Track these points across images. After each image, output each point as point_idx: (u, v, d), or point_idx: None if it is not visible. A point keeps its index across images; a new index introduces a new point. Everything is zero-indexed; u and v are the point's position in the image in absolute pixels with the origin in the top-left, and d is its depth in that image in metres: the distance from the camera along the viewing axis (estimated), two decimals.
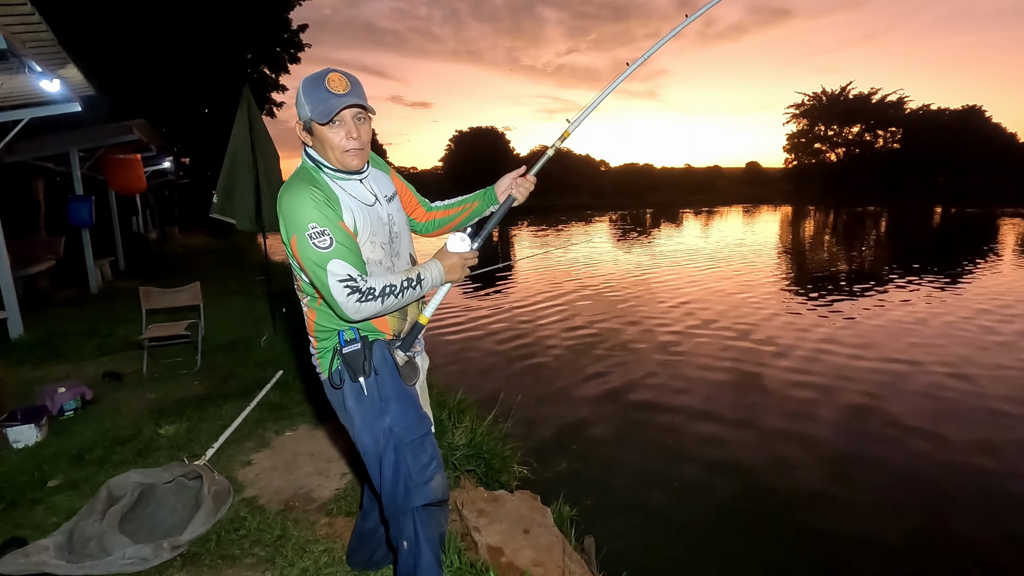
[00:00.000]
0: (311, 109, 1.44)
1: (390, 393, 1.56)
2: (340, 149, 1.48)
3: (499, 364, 6.07)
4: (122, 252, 10.87)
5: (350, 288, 1.40)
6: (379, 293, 1.43)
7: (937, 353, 6.10)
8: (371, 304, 1.43)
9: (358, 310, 1.42)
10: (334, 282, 1.39)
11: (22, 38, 3.90)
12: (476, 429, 3.22)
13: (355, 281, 1.40)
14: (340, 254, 1.40)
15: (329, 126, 1.45)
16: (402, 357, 1.59)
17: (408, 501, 1.56)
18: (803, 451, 4.07)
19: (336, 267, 1.39)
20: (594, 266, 12.65)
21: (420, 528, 1.58)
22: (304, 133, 1.51)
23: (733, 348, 6.37)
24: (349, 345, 1.53)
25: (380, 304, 1.44)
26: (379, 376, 1.55)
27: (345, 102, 1.42)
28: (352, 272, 1.41)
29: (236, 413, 3.53)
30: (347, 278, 1.40)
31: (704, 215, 29.71)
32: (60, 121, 6.56)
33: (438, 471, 1.61)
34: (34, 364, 4.85)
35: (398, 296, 1.47)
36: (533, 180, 1.79)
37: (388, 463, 1.55)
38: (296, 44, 22.17)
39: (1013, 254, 13.72)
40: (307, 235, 1.39)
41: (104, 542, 2.14)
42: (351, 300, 1.40)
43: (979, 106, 42.99)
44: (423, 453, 1.58)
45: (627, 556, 2.80)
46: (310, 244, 1.39)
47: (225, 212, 5.21)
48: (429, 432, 1.63)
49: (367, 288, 1.42)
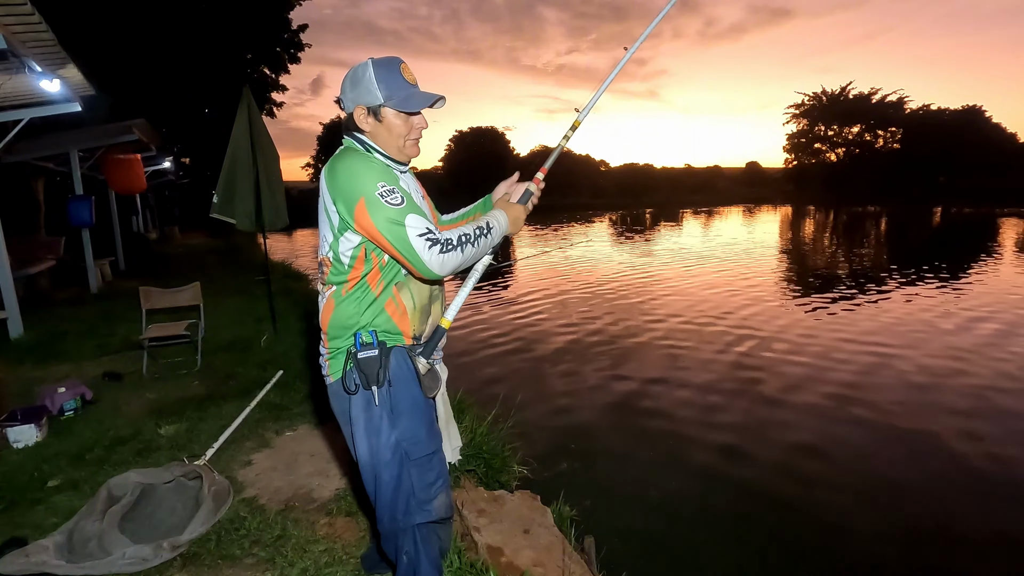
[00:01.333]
0: (387, 95, 1.41)
1: (403, 406, 1.48)
2: (410, 138, 1.48)
3: (499, 364, 6.07)
4: (122, 252, 10.87)
5: (431, 240, 1.34)
6: (456, 243, 1.38)
7: (939, 353, 6.10)
8: (453, 255, 1.36)
9: (443, 263, 1.36)
10: (415, 236, 1.33)
11: (22, 38, 3.90)
12: (476, 429, 3.22)
13: (434, 233, 1.36)
14: (414, 209, 1.37)
15: (405, 115, 1.45)
16: (424, 365, 1.51)
17: (409, 519, 1.52)
18: (804, 452, 4.07)
19: (414, 220, 1.34)
20: (594, 266, 12.65)
21: (421, 546, 1.55)
22: (367, 118, 1.45)
23: (734, 349, 6.37)
24: (365, 350, 1.43)
25: (460, 254, 1.38)
26: (393, 388, 1.46)
27: (432, 98, 1.44)
28: (429, 225, 1.37)
29: (236, 413, 3.53)
30: (427, 231, 1.35)
31: (704, 215, 29.72)
32: (60, 121, 6.56)
33: (443, 490, 1.55)
34: (34, 364, 4.85)
35: (475, 244, 1.42)
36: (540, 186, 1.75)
37: (390, 477, 1.49)
38: (296, 44, 22.17)
39: (1013, 254, 13.72)
40: (378, 194, 1.34)
41: (104, 542, 2.14)
42: (434, 252, 1.34)
43: (979, 106, 43.14)
44: (430, 471, 1.52)
45: (627, 556, 2.80)
46: (383, 202, 1.34)
47: (225, 212, 5.21)
48: (438, 450, 1.57)
49: (446, 238, 1.37)
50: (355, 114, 1.46)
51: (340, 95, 1.50)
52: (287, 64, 22.39)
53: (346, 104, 1.48)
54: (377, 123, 1.45)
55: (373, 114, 1.44)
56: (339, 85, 1.53)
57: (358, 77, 1.43)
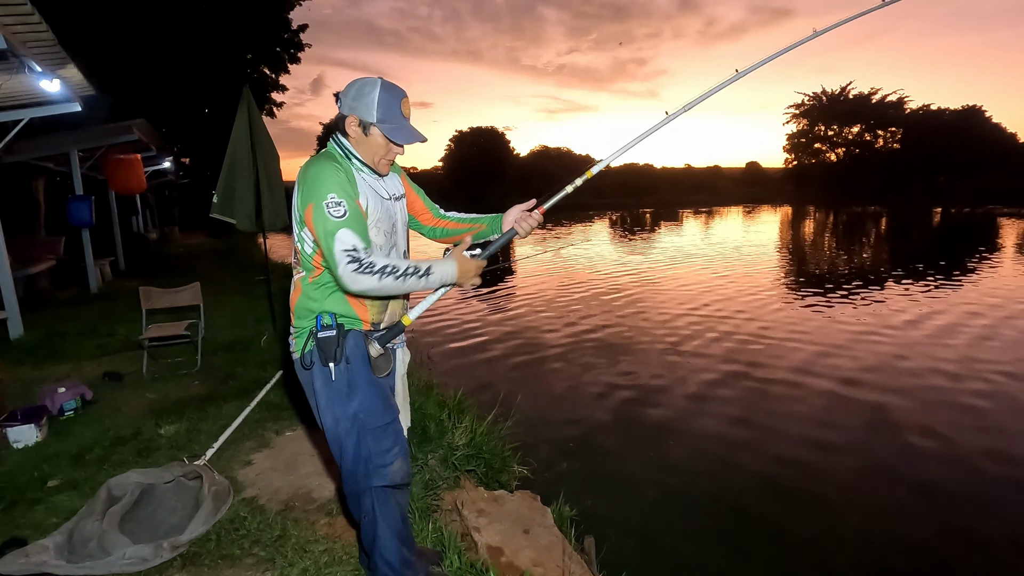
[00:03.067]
0: (381, 119, 1.58)
1: (359, 381, 1.64)
2: (385, 159, 1.65)
3: (499, 364, 6.07)
4: (122, 252, 10.87)
5: (351, 257, 1.48)
6: (378, 269, 1.50)
7: (941, 355, 6.09)
8: (368, 277, 1.49)
9: (355, 280, 1.49)
10: (339, 249, 1.48)
11: (22, 38, 3.90)
12: (476, 429, 3.22)
13: (358, 252, 1.49)
14: (351, 225, 1.50)
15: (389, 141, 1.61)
16: (377, 349, 1.67)
17: (367, 481, 1.68)
18: (805, 453, 4.07)
19: (344, 235, 1.49)
20: (594, 266, 12.65)
21: (377, 506, 1.71)
22: (356, 127, 1.61)
23: (734, 349, 6.37)
24: (325, 330, 1.61)
25: (377, 280, 1.50)
26: (350, 365, 1.63)
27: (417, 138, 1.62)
28: (358, 244, 1.50)
29: (236, 413, 3.53)
30: (352, 248, 1.49)
31: (704, 215, 29.71)
32: (60, 121, 6.56)
33: (399, 456, 1.71)
34: (34, 364, 4.84)
35: (399, 278, 1.53)
36: (540, 217, 1.84)
37: (350, 444, 1.66)
38: (296, 44, 22.15)
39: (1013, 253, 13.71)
40: (324, 203, 1.49)
41: (104, 542, 2.14)
42: (349, 268, 1.48)
43: (979, 106, 43.04)
44: (385, 439, 1.68)
45: (627, 556, 2.80)
46: (326, 212, 1.49)
47: (225, 212, 5.20)
48: (394, 421, 1.73)
49: (368, 261, 1.49)
50: (348, 120, 1.62)
51: (341, 95, 1.64)
52: (287, 64, 22.37)
53: (343, 107, 1.63)
54: (363, 135, 1.62)
55: (363, 127, 1.61)
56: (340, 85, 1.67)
57: (364, 91, 1.59)
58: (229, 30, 18.46)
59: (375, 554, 1.77)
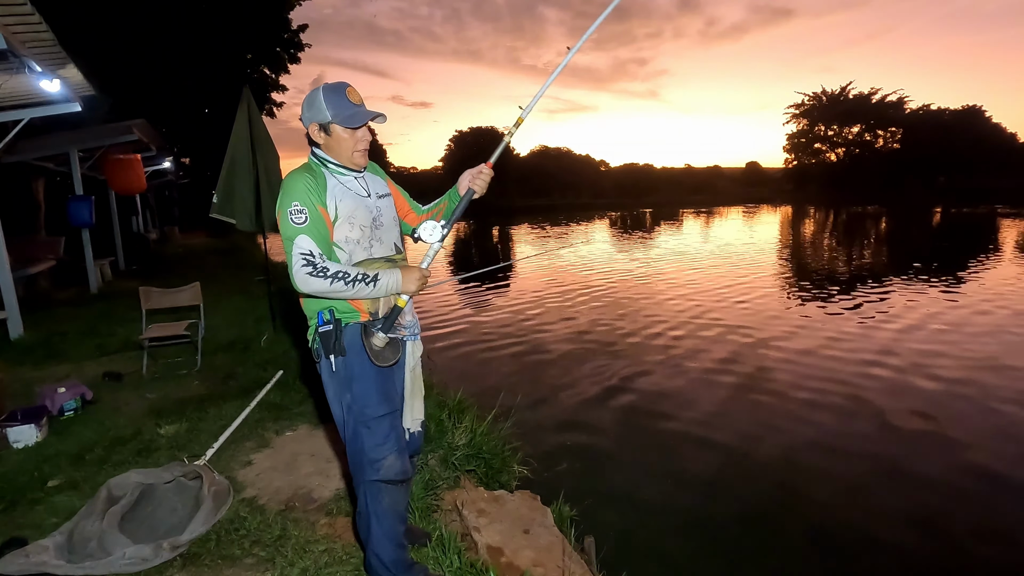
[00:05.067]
0: (334, 114, 1.66)
1: (356, 372, 1.72)
2: (353, 149, 1.72)
3: (499, 364, 6.07)
4: (122, 252, 10.87)
5: (306, 260, 1.59)
6: (331, 274, 1.60)
7: (941, 355, 6.09)
8: (319, 280, 1.59)
9: (306, 282, 1.59)
10: (296, 253, 1.59)
11: (22, 38, 3.90)
12: (476, 429, 3.22)
13: (313, 257, 1.60)
14: (309, 232, 1.61)
15: (351, 130, 1.69)
16: (382, 339, 1.72)
17: (361, 474, 1.76)
18: (805, 454, 4.07)
19: (302, 241, 1.60)
20: (594, 266, 12.65)
21: (369, 500, 1.77)
22: (319, 133, 1.71)
23: (734, 349, 6.37)
24: (324, 326, 1.71)
25: (328, 284, 1.60)
26: (347, 357, 1.71)
27: (372, 115, 1.70)
28: (314, 249, 1.61)
29: (236, 413, 3.53)
30: (308, 252, 1.59)
31: (704, 215, 29.71)
32: (60, 121, 6.56)
33: (392, 452, 1.76)
34: (34, 364, 4.85)
35: (348, 284, 1.62)
36: (489, 170, 1.91)
37: (349, 434, 1.77)
38: (296, 44, 22.15)
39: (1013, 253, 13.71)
40: (288, 211, 1.62)
41: (104, 542, 2.14)
42: (303, 271, 1.58)
43: (979, 106, 43.12)
44: (379, 432, 1.74)
45: (627, 556, 2.80)
46: (289, 220, 1.61)
47: (225, 212, 5.21)
48: (390, 414, 1.78)
49: (322, 266, 1.60)
50: (310, 130, 1.72)
51: (301, 116, 1.76)
52: (287, 64, 22.36)
53: (304, 121, 1.74)
54: (328, 137, 1.71)
55: (324, 130, 1.71)
56: None
57: (311, 100, 1.70)
58: (229, 30, 18.47)
59: (368, 549, 1.84)
